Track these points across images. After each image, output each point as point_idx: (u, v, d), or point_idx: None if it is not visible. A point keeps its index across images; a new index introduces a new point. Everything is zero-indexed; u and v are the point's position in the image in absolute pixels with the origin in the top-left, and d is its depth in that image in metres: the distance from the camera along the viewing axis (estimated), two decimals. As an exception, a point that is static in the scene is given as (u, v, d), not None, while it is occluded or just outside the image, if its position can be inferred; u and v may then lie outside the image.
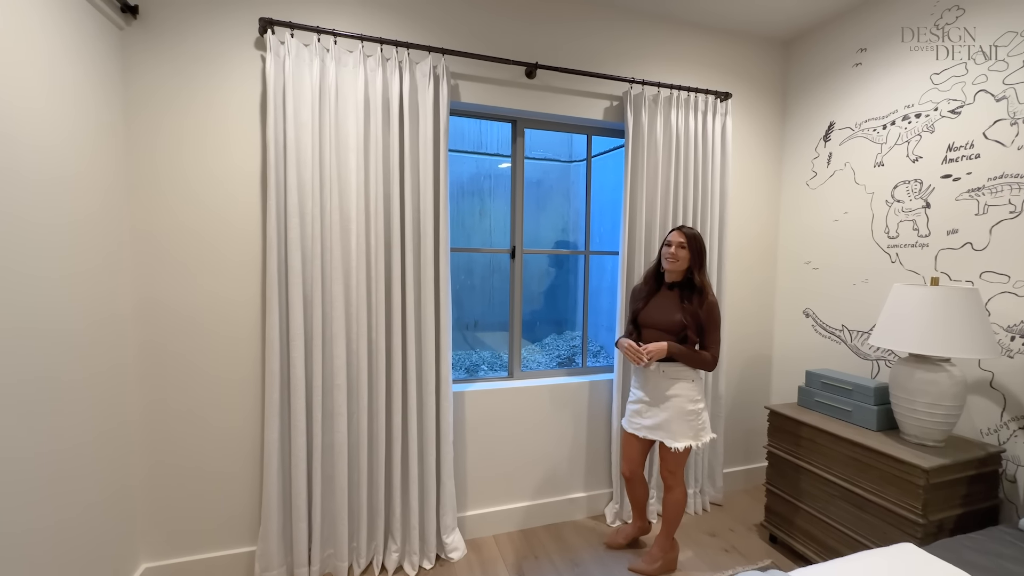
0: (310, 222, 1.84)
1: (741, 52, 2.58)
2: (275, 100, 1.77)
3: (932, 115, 1.99)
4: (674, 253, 1.85)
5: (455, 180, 3.38)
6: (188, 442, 1.84)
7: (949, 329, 1.65)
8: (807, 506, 2.03)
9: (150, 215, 1.75)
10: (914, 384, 1.73)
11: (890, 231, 2.15)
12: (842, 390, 2.03)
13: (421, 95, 1.95)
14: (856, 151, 2.30)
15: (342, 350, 1.89)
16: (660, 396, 1.89)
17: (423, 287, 1.99)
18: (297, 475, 1.86)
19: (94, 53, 1.55)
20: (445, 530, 2.08)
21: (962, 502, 1.68)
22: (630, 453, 2.01)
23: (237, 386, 1.89)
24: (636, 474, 2.03)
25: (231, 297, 1.86)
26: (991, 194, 1.80)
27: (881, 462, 1.74)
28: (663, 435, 1.87)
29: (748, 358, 2.74)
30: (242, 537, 1.93)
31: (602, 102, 2.34)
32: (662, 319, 1.87)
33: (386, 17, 1.99)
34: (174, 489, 1.84)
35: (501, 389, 2.28)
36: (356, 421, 1.93)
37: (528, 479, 2.34)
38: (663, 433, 1.87)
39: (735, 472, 2.75)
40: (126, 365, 1.71)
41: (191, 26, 1.76)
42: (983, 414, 1.83)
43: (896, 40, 2.11)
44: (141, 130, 1.73)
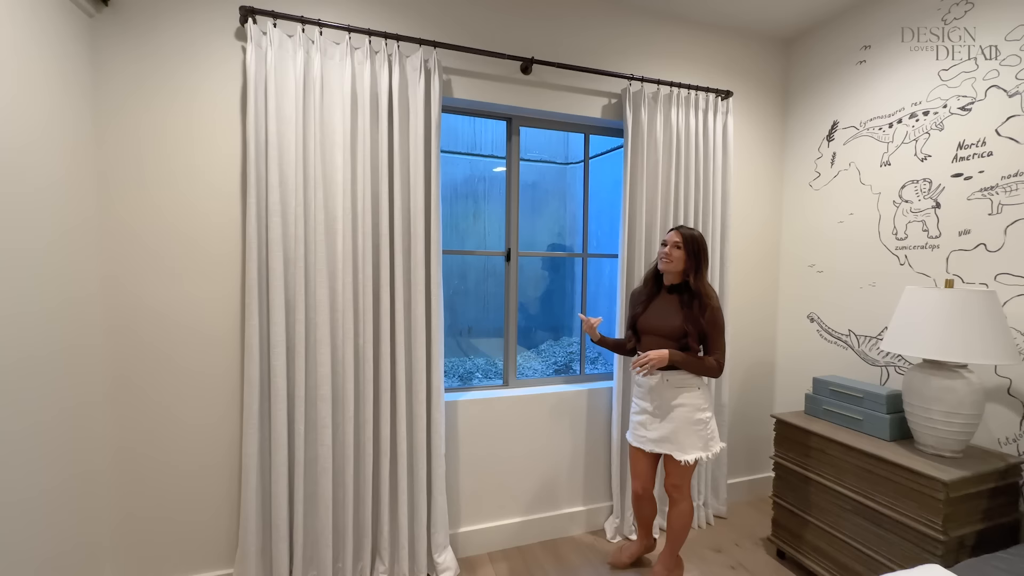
0: (293, 222, 1.74)
1: (742, 50, 2.52)
2: (256, 93, 1.68)
3: (941, 112, 1.92)
4: (668, 252, 1.76)
5: (448, 182, 3.29)
6: (158, 439, 1.72)
7: (966, 334, 1.57)
8: (817, 520, 1.93)
9: (116, 215, 1.64)
10: (930, 391, 1.65)
11: (898, 232, 2.08)
12: (852, 398, 1.94)
13: (412, 90, 1.86)
14: (861, 150, 2.24)
15: (327, 358, 1.78)
16: (665, 407, 1.78)
17: (413, 291, 1.88)
18: (278, 491, 1.74)
19: (60, 41, 1.44)
20: (436, 548, 1.95)
21: (983, 517, 1.58)
22: (639, 469, 1.89)
23: (214, 387, 1.77)
24: (648, 491, 1.91)
25: (207, 295, 1.75)
26: (1005, 193, 1.73)
27: (896, 474, 1.64)
28: (670, 447, 1.76)
29: (750, 365, 2.65)
30: (218, 559, 1.80)
31: (600, 99, 2.26)
32: (662, 325, 1.78)
33: (375, 7, 1.90)
34: (143, 492, 1.71)
35: (496, 398, 2.17)
36: (342, 433, 1.82)
37: (524, 493, 2.23)
38: (670, 446, 1.76)
39: (739, 483, 2.65)
40: (95, 347, 1.59)
41: (166, 14, 1.66)
42: (1001, 423, 1.75)
43: (901, 36, 2.05)
44: (112, 122, 1.62)
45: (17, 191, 1.27)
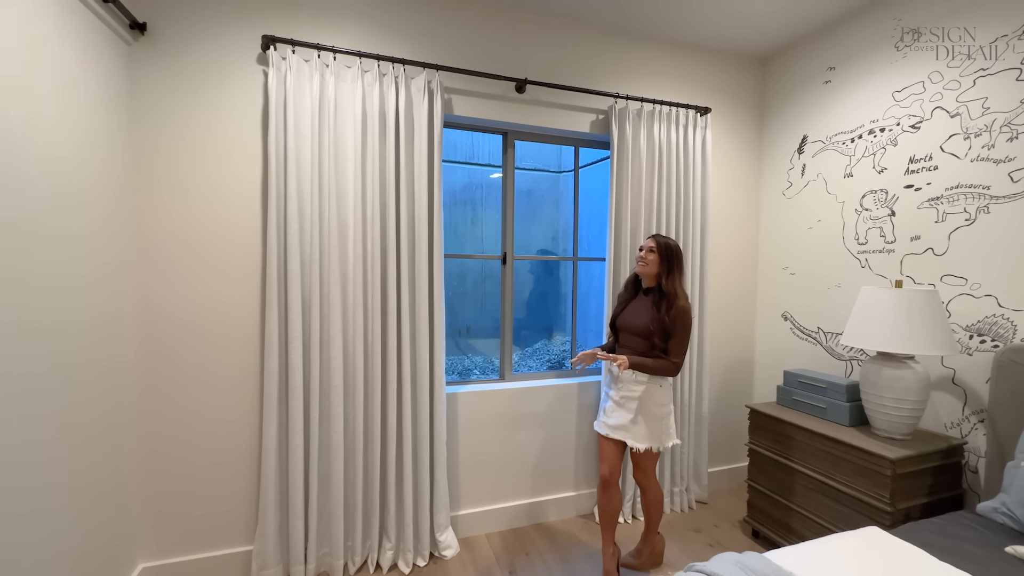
0: (309, 229, 1.92)
1: (721, 68, 2.73)
2: (276, 112, 1.86)
3: (895, 130, 2.13)
4: (643, 256, 1.94)
5: (447, 189, 3.46)
6: (185, 441, 1.89)
7: (912, 328, 1.76)
8: (787, 500, 2.12)
9: (154, 221, 1.82)
10: (882, 380, 1.84)
11: (860, 238, 2.28)
12: (817, 388, 2.13)
13: (416, 109, 2.05)
14: (827, 163, 2.44)
15: (339, 352, 1.96)
16: (628, 398, 1.92)
17: (417, 291, 2.06)
18: (294, 474, 1.91)
19: (103, 67, 1.62)
20: (439, 528, 2.13)
21: (928, 491, 1.78)
22: (606, 453, 1.98)
23: (236, 387, 1.95)
24: (615, 475, 1.96)
25: (230, 300, 1.93)
26: (949, 203, 1.94)
27: (853, 455, 1.84)
28: (625, 435, 1.89)
29: (731, 360, 2.85)
30: (239, 536, 1.97)
31: (588, 116, 2.46)
32: (634, 323, 1.94)
33: (383, 34, 2.09)
34: (171, 490, 1.88)
35: (493, 391, 2.35)
36: (352, 421, 1.99)
37: (519, 479, 2.41)
38: (625, 434, 1.90)
39: (720, 471, 2.84)
40: (126, 363, 1.76)
41: (196, 42, 1.84)
42: (947, 409, 1.95)
43: (862, 59, 2.27)
44: (146, 141, 1.80)
45: (61, 200, 1.45)
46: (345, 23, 2.04)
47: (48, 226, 1.36)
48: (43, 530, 1.33)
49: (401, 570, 2.03)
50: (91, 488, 1.56)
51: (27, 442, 1.28)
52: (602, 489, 1.98)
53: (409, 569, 2.04)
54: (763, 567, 1.19)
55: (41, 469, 1.34)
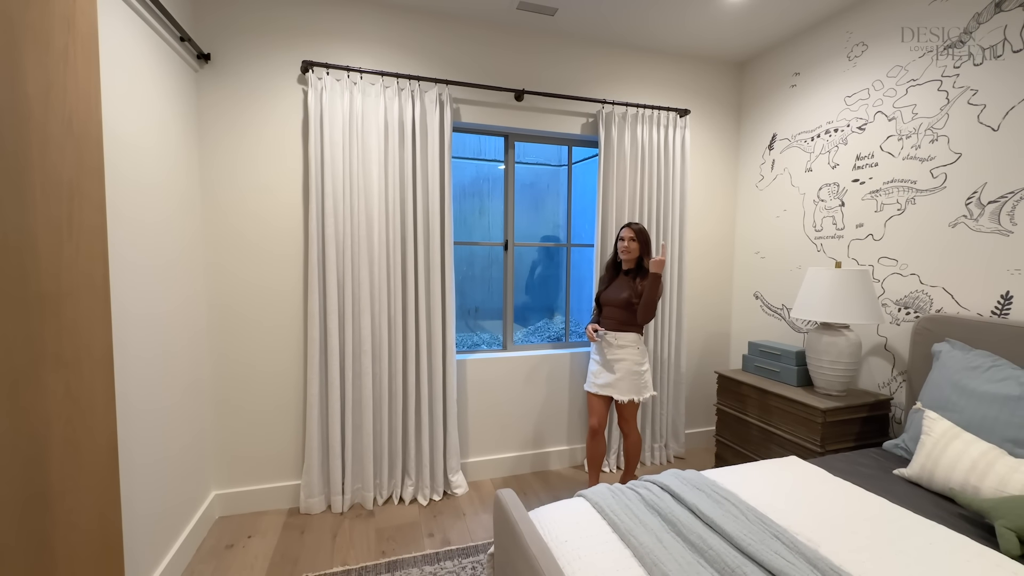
0: (342, 222, 2.32)
1: (700, 73, 3.03)
2: (314, 124, 2.25)
3: (846, 130, 2.44)
4: (627, 247, 2.30)
5: (457, 183, 3.82)
6: (248, 396, 2.33)
7: (847, 302, 2.10)
8: (745, 450, 2.49)
9: (216, 217, 2.24)
10: (821, 346, 2.19)
11: (816, 225, 2.60)
12: (773, 355, 2.49)
13: (429, 118, 2.41)
14: (792, 159, 2.75)
15: (368, 323, 2.37)
16: (611, 361, 2.32)
17: (432, 273, 2.46)
18: (333, 423, 2.34)
19: (178, 91, 2.02)
20: (451, 470, 2.56)
21: (855, 438, 2.14)
22: (595, 407, 2.39)
23: (286, 352, 2.38)
24: (602, 426, 2.38)
25: (277, 283, 2.35)
26: (885, 195, 2.25)
27: (795, 408, 2.20)
28: (612, 391, 2.30)
29: (709, 334, 3.20)
30: (289, 472, 2.42)
31: (579, 119, 2.80)
32: (616, 298, 2.32)
33: (401, 55, 2.46)
34: (237, 434, 2.33)
35: (497, 358, 2.76)
36: (379, 381, 2.41)
37: (519, 433, 2.82)
38: (612, 390, 2.30)
39: (698, 432, 3.21)
40: (201, 340, 2.20)
41: (248, 68, 2.23)
42: (880, 371, 2.29)
43: (820, 67, 2.56)
44: (209, 150, 2.21)
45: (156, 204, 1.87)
46: (369, 46, 2.40)
47: (148, 221, 1.78)
48: (156, 468, 1.79)
49: (420, 503, 2.47)
50: (186, 438, 2.02)
51: (149, 409, 1.74)
52: (591, 438, 2.39)
53: (427, 502, 2.47)
54: (695, 478, 1.58)
55: (158, 429, 1.80)
